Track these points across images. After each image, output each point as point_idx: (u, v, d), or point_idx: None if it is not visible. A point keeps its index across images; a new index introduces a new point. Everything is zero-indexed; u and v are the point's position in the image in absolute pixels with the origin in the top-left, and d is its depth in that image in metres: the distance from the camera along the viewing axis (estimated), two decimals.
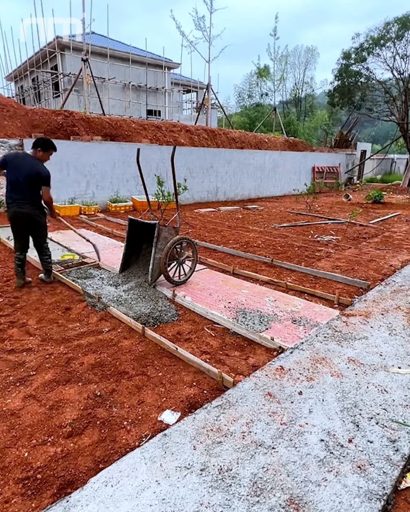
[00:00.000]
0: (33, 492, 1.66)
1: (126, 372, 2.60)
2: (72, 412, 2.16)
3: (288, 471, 1.73)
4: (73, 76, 15.59)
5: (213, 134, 14.70)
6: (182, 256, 4.33)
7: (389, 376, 2.53)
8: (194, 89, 23.50)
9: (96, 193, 10.09)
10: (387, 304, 3.81)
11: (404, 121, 19.58)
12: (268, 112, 26.60)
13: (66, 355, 2.78)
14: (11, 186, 3.86)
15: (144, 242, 4.49)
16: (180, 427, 2.00)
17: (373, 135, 54.79)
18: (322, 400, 2.26)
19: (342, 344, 2.96)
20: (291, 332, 3.24)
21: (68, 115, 10.81)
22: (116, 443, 1.96)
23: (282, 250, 6.19)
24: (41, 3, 15.91)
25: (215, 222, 8.90)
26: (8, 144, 8.74)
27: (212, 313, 3.53)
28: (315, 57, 35.16)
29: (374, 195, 13.25)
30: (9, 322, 3.31)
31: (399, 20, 18.39)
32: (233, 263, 5.30)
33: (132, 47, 19.21)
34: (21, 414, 2.14)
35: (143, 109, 19.77)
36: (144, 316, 3.43)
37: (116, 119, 12.18)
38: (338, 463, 1.79)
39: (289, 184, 16.45)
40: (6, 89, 22.13)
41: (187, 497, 1.58)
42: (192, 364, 2.69)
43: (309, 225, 8.74)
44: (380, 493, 1.62)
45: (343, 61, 20.86)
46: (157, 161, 10.96)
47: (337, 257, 5.83)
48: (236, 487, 1.64)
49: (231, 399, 2.24)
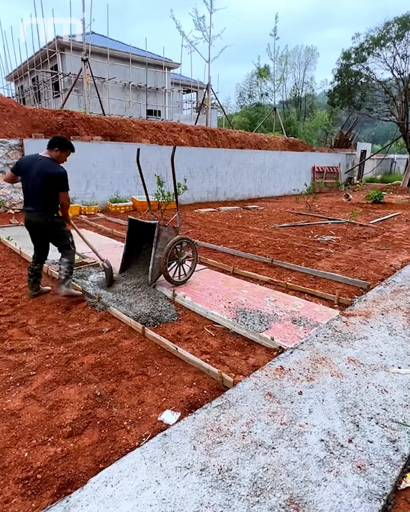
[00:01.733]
0: (33, 492, 1.66)
1: (126, 372, 2.60)
2: (72, 412, 2.16)
3: (288, 471, 1.73)
4: (73, 76, 15.60)
5: (213, 134, 14.70)
6: (182, 256, 4.33)
7: (389, 376, 2.53)
8: (194, 89, 23.49)
9: (96, 193, 10.09)
10: (387, 304, 3.81)
11: (404, 121, 19.58)
12: (268, 112, 26.59)
13: (66, 355, 2.78)
14: (23, 191, 3.57)
15: (144, 242, 4.49)
16: (180, 427, 2.00)
17: (373, 135, 54.81)
18: (322, 400, 2.26)
19: (342, 344, 2.96)
20: (291, 332, 3.24)
21: (68, 115, 10.81)
22: (116, 443, 1.96)
23: (282, 250, 6.19)
24: (41, 3, 15.90)
25: (215, 222, 8.90)
26: (8, 144, 8.75)
27: (212, 313, 3.53)
28: (315, 57, 35.14)
29: (374, 195, 13.25)
30: (9, 322, 3.31)
31: (399, 20, 18.40)
32: (233, 263, 5.30)
33: (132, 47, 19.19)
34: (21, 414, 2.14)
35: (143, 109, 19.77)
36: (144, 316, 3.43)
37: (116, 119, 12.18)
38: (338, 463, 1.79)
39: (289, 184, 16.44)
40: (6, 89, 22.15)
41: (187, 497, 1.58)
42: (193, 364, 2.69)
43: (309, 225, 8.74)
44: (380, 493, 1.62)
45: (343, 61, 20.87)
46: (157, 161, 10.96)
47: (337, 257, 5.83)
48: (236, 487, 1.64)
49: (231, 399, 2.24)
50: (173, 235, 4.20)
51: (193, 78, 21.76)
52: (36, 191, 3.44)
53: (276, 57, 26.98)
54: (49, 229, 3.63)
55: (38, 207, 3.49)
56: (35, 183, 3.41)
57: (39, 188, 3.41)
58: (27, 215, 3.57)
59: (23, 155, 8.86)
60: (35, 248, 3.80)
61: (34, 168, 3.41)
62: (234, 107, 37.09)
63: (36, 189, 3.43)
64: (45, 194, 3.45)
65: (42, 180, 3.39)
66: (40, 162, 3.44)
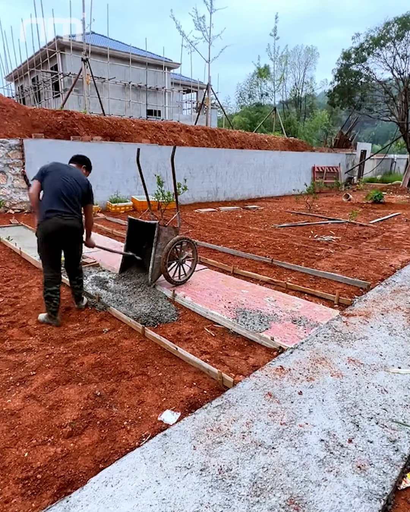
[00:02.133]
0: (33, 492, 1.66)
1: (126, 372, 2.60)
2: (72, 412, 2.16)
3: (288, 471, 1.73)
4: (73, 76, 15.59)
5: (213, 134, 14.70)
6: (182, 256, 4.33)
7: (389, 376, 2.53)
8: (194, 89, 23.49)
9: (96, 193, 9.95)
10: (387, 304, 3.81)
11: (404, 121, 19.59)
12: (268, 112, 26.59)
13: (66, 355, 2.78)
14: (53, 194, 3.11)
15: (144, 242, 4.49)
16: (180, 427, 2.00)
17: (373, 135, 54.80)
18: (322, 400, 2.26)
19: (342, 344, 2.96)
20: (291, 332, 3.24)
21: (68, 115, 10.81)
22: (116, 443, 1.96)
23: (282, 250, 6.19)
24: (41, 3, 15.90)
25: (215, 222, 8.90)
26: (8, 144, 8.74)
27: (212, 313, 3.53)
28: (315, 57, 35.19)
29: (374, 195, 13.25)
30: (9, 322, 3.31)
31: (399, 20, 18.40)
32: (233, 263, 5.30)
33: (132, 47, 19.20)
34: (21, 414, 2.14)
35: (143, 109, 19.77)
36: (144, 316, 3.43)
37: (116, 119, 12.18)
38: (338, 463, 1.79)
39: (289, 184, 16.44)
40: (6, 89, 22.15)
41: (187, 497, 1.58)
42: (193, 364, 2.69)
43: (309, 225, 8.74)
44: (380, 493, 1.62)
45: (343, 61, 20.88)
46: (157, 161, 10.95)
47: (337, 257, 5.83)
48: (236, 487, 1.64)
49: (231, 399, 2.24)
50: (173, 235, 4.20)
51: (193, 78, 21.78)
52: (75, 194, 3.20)
53: (276, 57, 27.04)
54: (79, 238, 3.36)
55: (75, 210, 3.22)
56: (74, 187, 3.19)
57: (79, 193, 3.24)
58: (59, 219, 3.08)
59: (23, 155, 8.86)
60: (53, 263, 3.22)
61: (70, 172, 3.24)
62: (234, 107, 37.14)
63: (75, 191, 3.20)
64: (79, 203, 3.28)
65: (82, 187, 3.26)
66: (75, 170, 3.34)
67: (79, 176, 3.32)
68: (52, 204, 3.10)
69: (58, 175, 3.18)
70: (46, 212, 3.09)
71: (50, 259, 3.21)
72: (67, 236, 3.20)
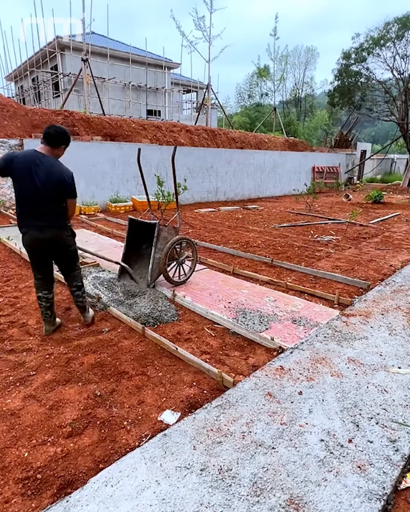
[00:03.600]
0: (33, 492, 1.66)
1: (126, 372, 2.60)
2: (72, 412, 2.16)
3: (288, 471, 1.73)
4: (73, 76, 15.59)
5: (213, 134, 14.69)
6: (182, 256, 4.33)
7: (389, 376, 2.53)
8: (194, 89, 23.49)
9: (96, 193, 10.08)
10: (387, 304, 3.81)
11: (404, 121, 19.58)
12: (268, 112, 26.60)
13: (66, 355, 2.78)
14: (23, 201, 2.77)
15: (144, 242, 4.49)
16: (180, 427, 2.00)
17: (373, 135, 54.84)
18: (322, 400, 2.26)
19: (342, 344, 2.96)
20: (291, 332, 3.24)
21: (68, 115, 10.81)
22: (116, 443, 1.96)
23: (282, 250, 6.19)
24: (41, 3, 15.85)
25: (215, 222, 8.90)
26: (8, 144, 8.74)
27: (212, 313, 3.53)
28: (315, 57, 35.23)
29: (374, 195, 13.25)
30: (9, 322, 3.31)
31: (399, 20, 18.40)
32: (233, 263, 5.30)
33: (132, 47, 19.19)
34: (21, 414, 2.14)
35: (143, 109, 19.77)
36: (144, 316, 3.43)
37: (116, 119, 12.18)
38: (338, 463, 1.79)
39: (289, 184, 16.44)
40: (6, 89, 22.15)
41: (187, 497, 1.58)
42: (192, 364, 2.69)
43: (309, 225, 8.74)
44: (380, 493, 1.62)
45: (343, 61, 20.87)
46: (157, 161, 10.96)
47: (337, 257, 5.83)
48: (236, 487, 1.64)
49: (231, 399, 2.24)
50: (173, 235, 4.20)
51: (193, 78, 21.77)
52: (48, 201, 2.79)
53: (276, 57, 27.04)
54: (66, 247, 3.01)
55: (52, 220, 2.85)
56: (46, 192, 2.74)
57: (52, 197, 2.79)
58: (37, 233, 2.81)
59: None
60: (41, 273, 3.03)
61: (40, 172, 2.71)
62: (233, 107, 37.18)
63: (48, 198, 2.78)
64: (57, 203, 2.85)
65: (55, 187, 2.78)
66: (46, 163, 2.74)
67: (53, 169, 2.77)
68: (26, 217, 2.82)
69: (27, 173, 2.69)
70: (22, 227, 2.85)
71: (36, 266, 3.03)
72: (50, 248, 2.95)
